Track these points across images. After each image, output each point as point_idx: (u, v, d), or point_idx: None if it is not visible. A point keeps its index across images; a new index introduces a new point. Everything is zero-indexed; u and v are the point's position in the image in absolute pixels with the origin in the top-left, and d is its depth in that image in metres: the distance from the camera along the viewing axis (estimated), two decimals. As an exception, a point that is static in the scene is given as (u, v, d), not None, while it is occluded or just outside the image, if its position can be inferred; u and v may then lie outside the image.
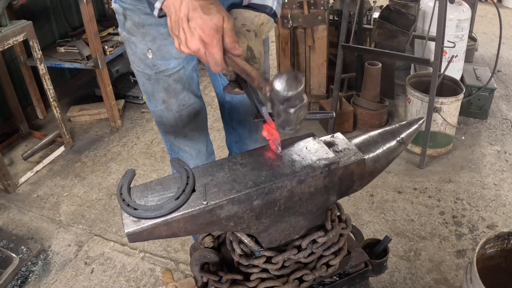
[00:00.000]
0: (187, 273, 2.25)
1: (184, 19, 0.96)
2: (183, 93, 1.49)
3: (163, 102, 1.49)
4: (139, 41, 1.37)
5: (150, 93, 1.48)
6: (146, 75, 1.44)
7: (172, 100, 1.48)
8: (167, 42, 1.36)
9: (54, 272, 2.32)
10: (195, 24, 0.95)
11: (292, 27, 3.12)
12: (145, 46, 1.37)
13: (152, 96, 1.49)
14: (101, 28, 3.56)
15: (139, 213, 0.88)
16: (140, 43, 1.37)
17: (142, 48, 1.38)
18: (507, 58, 4.34)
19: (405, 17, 2.96)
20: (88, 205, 2.76)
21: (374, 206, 2.60)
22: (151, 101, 1.52)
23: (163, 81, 1.44)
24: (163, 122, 1.57)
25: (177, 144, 1.63)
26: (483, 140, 3.18)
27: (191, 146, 1.64)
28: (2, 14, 2.65)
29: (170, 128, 1.58)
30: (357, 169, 1.06)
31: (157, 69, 1.41)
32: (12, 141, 3.38)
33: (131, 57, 1.44)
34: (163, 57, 1.39)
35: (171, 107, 1.50)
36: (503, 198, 2.64)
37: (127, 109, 3.78)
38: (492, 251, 1.72)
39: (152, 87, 1.46)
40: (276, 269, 1.06)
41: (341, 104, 3.23)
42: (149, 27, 1.34)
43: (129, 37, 1.39)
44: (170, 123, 1.56)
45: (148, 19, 1.32)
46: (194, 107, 1.55)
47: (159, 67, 1.40)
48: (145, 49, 1.37)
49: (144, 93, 1.51)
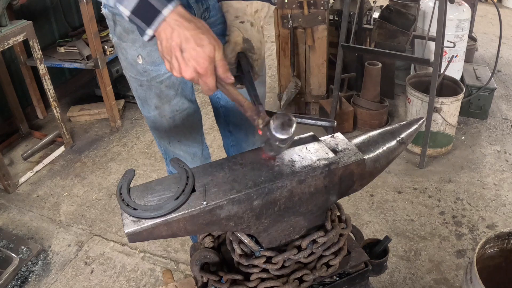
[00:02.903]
0: (187, 273, 2.25)
1: (177, 49, 0.96)
2: (176, 99, 1.47)
3: (156, 108, 1.47)
4: (129, 46, 1.35)
5: (142, 99, 1.47)
6: (138, 80, 1.42)
7: (165, 106, 1.46)
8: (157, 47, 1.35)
9: (54, 272, 2.32)
10: (189, 55, 0.96)
11: (292, 27, 3.12)
12: (136, 52, 1.35)
13: (145, 102, 1.47)
14: (101, 28, 3.55)
15: (139, 213, 0.88)
16: (130, 48, 1.35)
17: (132, 54, 1.36)
18: (507, 58, 4.34)
19: (405, 17, 2.96)
20: (88, 205, 2.76)
21: (374, 206, 2.60)
22: (144, 107, 1.50)
23: (155, 87, 1.42)
24: (156, 128, 1.55)
25: (171, 149, 1.61)
26: (483, 140, 3.18)
27: (186, 150, 1.62)
28: (2, 14, 2.65)
29: (164, 134, 1.56)
30: (357, 169, 1.06)
31: (148, 75, 1.39)
32: (12, 141, 3.38)
33: (123, 62, 1.43)
34: (154, 63, 1.37)
35: (164, 113, 1.48)
36: (503, 198, 2.64)
37: (127, 109, 3.78)
38: (492, 251, 1.72)
39: (145, 93, 1.44)
40: (276, 269, 1.06)
41: (341, 104, 3.23)
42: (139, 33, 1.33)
43: (119, 42, 1.37)
44: (163, 129, 1.54)
45: None
46: (187, 112, 1.52)
47: (150, 73, 1.39)
48: (135, 55, 1.35)
49: (137, 98, 1.50)
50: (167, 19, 0.96)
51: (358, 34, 3.34)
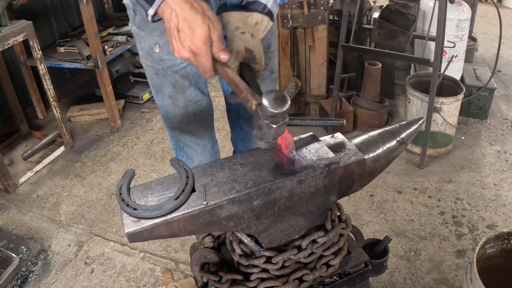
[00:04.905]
0: (187, 273, 2.25)
1: (175, 29, 0.99)
2: (190, 89, 1.51)
3: (170, 97, 1.51)
4: (147, 35, 1.40)
5: (157, 87, 1.51)
6: (154, 69, 1.47)
7: (179, 95, 1.50)
8: None
9: (54, 272, 2.32)
10: (184, 35, 0.98)
11: (292, 27, 3.12)
12: (153, 41, 1.39)
13: (159, 90, 1.51)
14: (101, 28, 3.56)
15: (139, 213, 0.88)
16: (148, 37, 1.40)
17: (150, 42, 1.41)
18: (507, 58, 4.34)
19: (405, 17, 2.96)
20: (88, 205, 2.76)
21: (374, 206, 2.60)
22: (158, 95, 1.54)
23: (170, 76, 1.46)
24: (169, 117, 1.59)
25: (182, 140, 1.65)
26: (483, 140, 3.18)
27: (196, 142, 1.65)
28: (2, 14, 2.65)
29: (176, 124, 1.60)
30: (357, 169, 1.06)
31: (164, 64, 1.43)
32: (12, 141, 3.38)
33: (140, 51, 1.47)
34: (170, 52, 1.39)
35: (178, 102, 1.52)
36: (503, 198, 2.63)
37: (127, 109, 3.78)
38: (492, 251, 1.72)
39: (160, 81, 1.48)
40: (276, 269, 1.06)
41: (341, 104, 3.23)
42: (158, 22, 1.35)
43: (138, 31, 1.42)
44: (176, 119, 1.57)
45: None
46: (200, 104, 1.56)
47: (166, 61, 1.43)
48: (152, 43, 1.40)
49: (152, 87, 1.54)
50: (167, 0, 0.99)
51: (358, 34, 3.34)
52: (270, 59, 1.60)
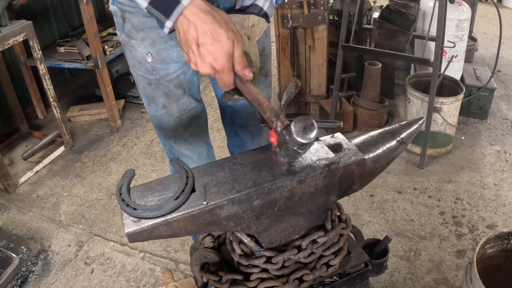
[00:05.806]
0: (187, 273, 2.25)
1: (194, 42, 0.93)
2: (184, 98, 1.45)
3: (164, 107, 1.45)
4: (138, 44, 1.32)
5: (150, 97, 1.45)
6: (146, 79, 1.40)
7: (173, 105, 1.45)
8: (167, 45, 1.32)
9: (54, 272, 2.32)
10: (206, 51, 0.92)
11: (292, 27, 3.12)
12: (145, 50, 1.33)
13: (152, 100, 1.45)
14: (101, 28, 3.56)
15: (138, 213, 0.88)
16: (140, 46, 1.33)
17: (141, 51, 1.34)
18: (507, 58, 4.34)
19: (405, 17, 2.96)
20: (88, 205, 2.76)
21: (374, 206, 2.60)
22: (151, 105, 1.48)
23: (163, 86, 1.40)
24: (163, 127, 1.53)
25: (177, 148, 1.60)
26: (483, 140, 3.18)
27: (192, 150, 1.61)
28: (2, 14, 2.65)
29: (170, 133, 1.55)
30: (357, 169, 1.06)
31: (157, 74, 1.37)
32: (12, 141, 3.38)
33: (131, 60, 1.40)
34: (163, 61, 1.35)
35: (172, 112, 1.47)
36: (503, 198, 2.63)
37: (127, 109, 3.78)
38: (492, 251, 1.72)
39: (153, 91, 1.42)
40: (276, 269, 1.05)
41: (341, 104, 3.23)
42: (149, 30, 1.29)
43: (128, 40, 1.34)
44: (170, 128, 1.52)
45: (148, 22, 1.28)
46: (195, 112, 1.52)
47: (158, 71, 1.37)
48: (144, 52, 1.33)
49: (144, 97, 1.47)
50: (184, 12, 0.92)
51: (358, 34, 3.34)
52: (265, 63, 1.55)
